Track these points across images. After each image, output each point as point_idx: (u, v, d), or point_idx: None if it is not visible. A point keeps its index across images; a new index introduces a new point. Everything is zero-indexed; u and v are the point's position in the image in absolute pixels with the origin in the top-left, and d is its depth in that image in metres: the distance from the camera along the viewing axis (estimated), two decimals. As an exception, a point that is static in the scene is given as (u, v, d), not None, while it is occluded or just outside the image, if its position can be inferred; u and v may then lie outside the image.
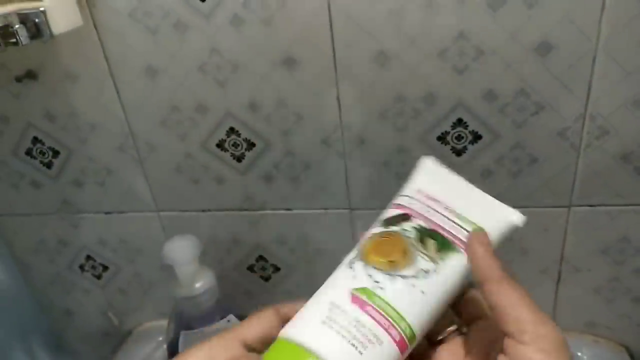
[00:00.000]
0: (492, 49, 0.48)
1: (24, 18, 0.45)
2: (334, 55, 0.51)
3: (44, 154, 0.64)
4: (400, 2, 0.47)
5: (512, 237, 0.57)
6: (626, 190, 0.53)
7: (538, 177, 0.54)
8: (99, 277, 0.74)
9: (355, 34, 0.49)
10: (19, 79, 0.58)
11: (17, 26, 0.45)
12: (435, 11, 0.47)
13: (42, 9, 0.46)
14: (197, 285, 0.56)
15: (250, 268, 0.68)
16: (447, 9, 0.47)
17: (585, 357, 0.62)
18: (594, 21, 0.46)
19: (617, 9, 0.45)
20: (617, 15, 0.45)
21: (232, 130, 0.57)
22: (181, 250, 0.56)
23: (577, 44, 0.47)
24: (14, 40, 0.45)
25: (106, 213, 0.67)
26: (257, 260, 0.67)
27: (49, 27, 0.46)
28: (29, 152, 0.64)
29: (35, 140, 0.63)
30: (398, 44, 0.49)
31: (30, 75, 0.57)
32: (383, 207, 0.58)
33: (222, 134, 0.58)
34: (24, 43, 0.45)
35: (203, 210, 0.64)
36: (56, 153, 0.63)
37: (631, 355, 0.62)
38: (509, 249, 0.59)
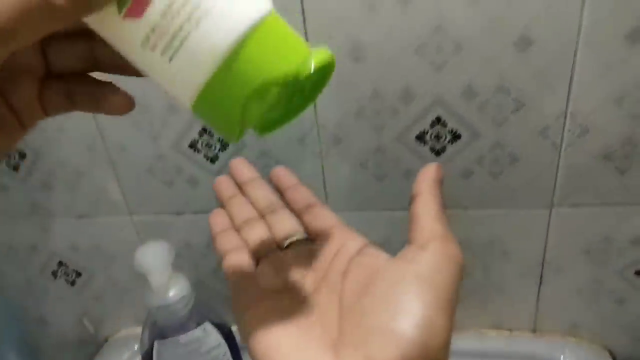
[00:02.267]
0: (470, 43, 0.47)
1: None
2: (308, 52, 0.49)
3: (10, 156, 0.61)
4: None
5: (493, 240, 0.57)
6: (608, 190, 0.52)
7: (519, 177, 0.53)
8: (72, 283, 0.72)
9: (329, 27, 0.48)
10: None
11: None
12: (411, 4, 0.46)
13: None
14: (171, 293, 0.54)
15: (228, 272, 0.66)
16: (424, 2, 0.45)
17: (568, 360, 0.60)
18: (575, 13, 0.44)
19: (597, 1, 0.43)
20: (599, 6, 0.44)
21: (204, 130, 0.56)
22: (153, 258, 0.54)
23: (558, 38, 0.45)
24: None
25: (78, 217, 0.65)
26: (234, 264, 0.65)
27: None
28: (-5, 154, 0.62)
29: (1, 141, 0.60)
30: (373, 37, 0.48)
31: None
32: (361, 208, 0.57)
33: (194, 134, 0.56)
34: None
35: (177, 213, 0.62)
36: (22, 155, 0.61)
37: (614, 358, 0.61)
38: (490, 252, 0.58)
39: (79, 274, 0.71)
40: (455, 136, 0.51)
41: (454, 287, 0.25)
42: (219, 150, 0.57)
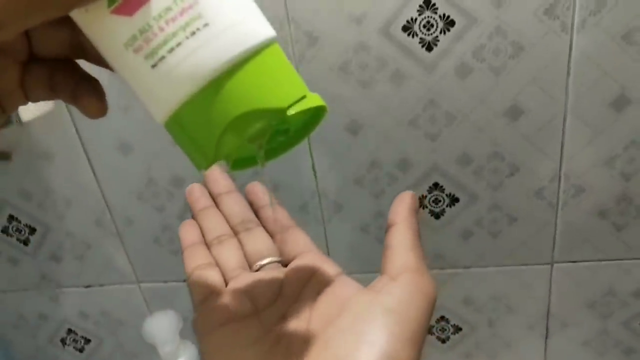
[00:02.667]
0: (463, 114, 0.48)
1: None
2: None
3: (20, 231, 0.63)
4: (369, 73, 0.47)
5: (497, 296, 0.58)
6: (607, 246, 0.53)
7: (518, 236, 0.54)
8: (81, 350, 0.72)
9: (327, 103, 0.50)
10: (-9, 162, 0.57)
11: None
12: (404, 81, 0.47)
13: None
14: (179, 362, 0.55)
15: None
16: (415, 80, 0.47)
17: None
18: (561, 85, 0.46)
19: (582, 73, 0.45)
20: (582, 79, 0.46)
21: (209, 201, 0.57)
22: (161, 329, 0.55)
23: (546, 107, 0.47)
24: (-18, 130, 0.45)
25: (86, 286, 0.66)
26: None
27: (17, 115, 0.46)
28: (4, 230, 0.63)
29: (11, 218, 0.62)
30: (369, 113, 0.49)
31: (3, 156, 0.57)
32: (364, 270, 0.58)
33: (199, 206, 0.57)
34: (-8, 132, 0.45)
35: (184, 281, 0.63)
36: (33, 230, 0.62)
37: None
38: (495, 307, 0.59)
39: (87, 341, 0.71)
40: (454, 200, 0.53)
41: (424, 320, 0.25)
42: (223, 219, 0.58)
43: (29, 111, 0.47)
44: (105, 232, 0.61)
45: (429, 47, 0.46)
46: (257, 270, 0.31)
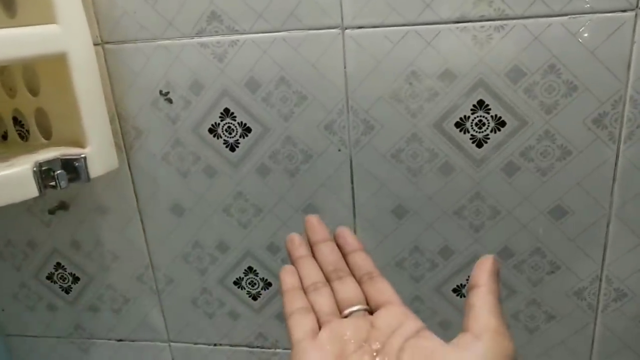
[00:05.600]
0: (507, 209, 0.50)
1: (65, 163, 0.48)
2: (354, 206, 0.53)
3: (64, 279, 0.65)
4: (419, 162, 0.50)
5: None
6: (647, 354, 0.52)
7: (555, 335, 0.53)
8: (102, 404, 0.72)
9: (375, 189, 0.52)
10: (51, 212, 0.60)
11: (58, 171, 0.47)
12: (453, 173, 0.49)
13: (83, 155, 0.49)
14: None
15: (258, 406, 0.66)
16: (464, 173, 0.49)
17: None
18: (607, 190, 0.47)
19: (628, 180, 0.47)
20: (628, 185, 0.47)
21: (249, 269, 0.58)
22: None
23: (590, 210, 0.48)
24: (52, 183, 0.48)
25: (118, 340, 0.67)
26: (265, 399, 0.66)
27: (87, 172, 0.49)
28: (50, 277, 0.65)
29: (58, 265, 0.64)
30: (416, 200, 0.51)
31: (63, 206, 0.60)
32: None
33: (239, 273, 0.59)
34: (62, 187, 0.48)
35: (215, 345, 0.64)
36: (76, 279, 0.64)
37: None
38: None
39: (110, 395, 0.71)
40: (492, 291, 0.53)
41: None
42: (261, 288, 0.59)
43: (97, 169, 0.50)
44: (145, 289, 0.63)
45: (479, 144, 0.48)
46: (346, 317, 0.33)
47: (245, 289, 0.60)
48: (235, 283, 0.60)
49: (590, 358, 0.54)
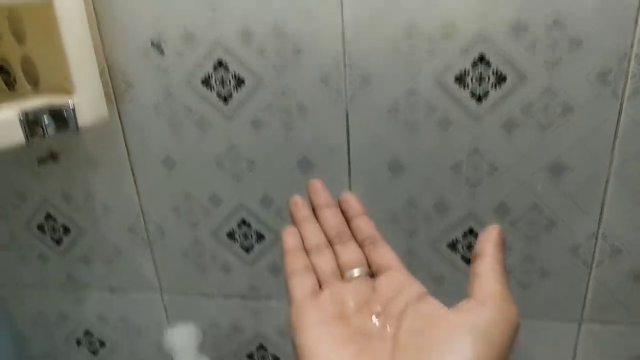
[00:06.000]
0: (506, 166, 0.49)
1: (54, 112, 0.47)
2: (349, 161, 0.52)
3: (55, 230, 0.64)
4: (416, 116, 0.48)
5: (520, 351, 0.57)
6: (639, 310, 0.53)
7: (549, 290, 0.54)
8: (95, 352, 0.73)
9: (371, 143, 0.51)
10: (41, 161, 0.59)
11: (45, 121, 0.46)
12: (451, 128, 0.48)
13: (72, 103, 0.47)
14: (195, 375, 0.56)
15: (250, 356, 0.67)
16: (462, 128, 0.48)
17: None
18: (607, 148, 0.46)
19: (629, 138, 0.46)
20: (630, 143, 0.46)
21: (243, 222, 0.58)
22: (180, 341, 0.56)
23: (590, 168, 0.48)
24: (40, 132, 0.46)
25: (110, 291, 0.67)
26: (257, 349, 0.66)
27: (75, 121, 0.48)
28: (40, 227, 0.65)
29: (49, 216, 0.63)
30: (413, 154, 0.50)
31: (52, 157, 0.59)
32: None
33: (233, 225, 0.58)
34: (50, 135, 0.46)
35: (206, 296, 0.64)
36: (67, 230, 0.64)
37: None
38: (516, 360, 0.58)
39: (102, 344, 0.72)
40: (486, 248, 0.53)
41: (508, 346, 0.26)
42: (255, 241, 0.59)
43: (86, 118, 0.48)
44: (137, 240, 0.62)
45: (479, 99, 0.47)
46: (348, 279, 0.33)
47: (238, 241, 0.59)
48: (228, 235, 0.59)
49: (582, 313, 0.54)
